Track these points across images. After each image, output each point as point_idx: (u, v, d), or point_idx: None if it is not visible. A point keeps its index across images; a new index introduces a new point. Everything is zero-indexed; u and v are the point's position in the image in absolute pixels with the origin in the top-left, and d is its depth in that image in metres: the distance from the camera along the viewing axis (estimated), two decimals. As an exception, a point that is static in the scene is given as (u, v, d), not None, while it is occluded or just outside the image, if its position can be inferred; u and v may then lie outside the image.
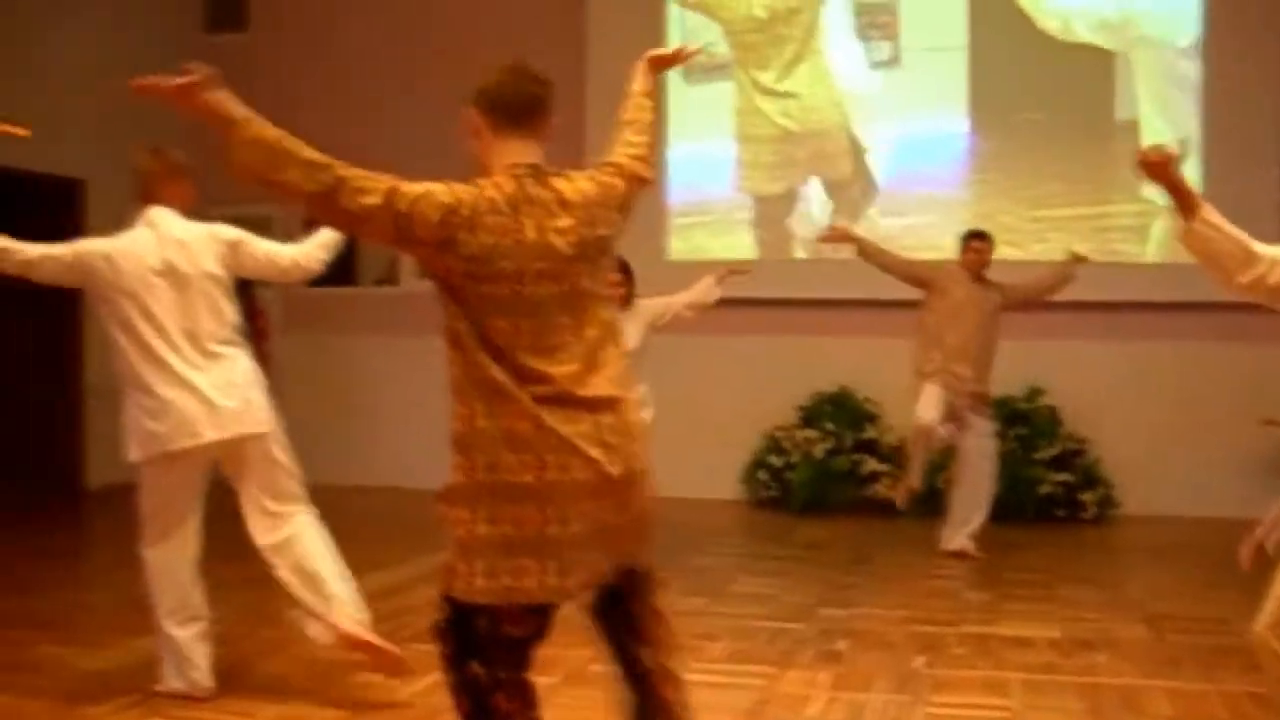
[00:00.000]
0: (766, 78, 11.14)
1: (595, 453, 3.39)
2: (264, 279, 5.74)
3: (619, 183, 3.68)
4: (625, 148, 3.84)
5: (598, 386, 3.45)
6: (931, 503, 9.20)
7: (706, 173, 11.36)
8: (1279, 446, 9.83)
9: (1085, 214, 10.65)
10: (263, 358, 10.91)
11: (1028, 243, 10.55)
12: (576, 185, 3.54)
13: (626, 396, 3.52)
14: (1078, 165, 10.67)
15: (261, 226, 8.94)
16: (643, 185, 3.79)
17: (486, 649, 3.48)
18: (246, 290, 10.90)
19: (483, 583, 3.38)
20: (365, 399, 11.73)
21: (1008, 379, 10.50)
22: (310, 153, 3.39)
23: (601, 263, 3.55)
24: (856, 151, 11.05)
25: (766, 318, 10.89)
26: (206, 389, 5.23)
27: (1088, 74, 10.57)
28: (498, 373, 3.37)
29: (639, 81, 4.09)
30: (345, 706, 5.17)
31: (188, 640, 5.34)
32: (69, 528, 10.34)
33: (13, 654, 6.04)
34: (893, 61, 11.03)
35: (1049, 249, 10.30)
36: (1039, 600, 7.33)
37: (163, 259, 5.30)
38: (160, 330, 5.26)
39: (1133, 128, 10.53)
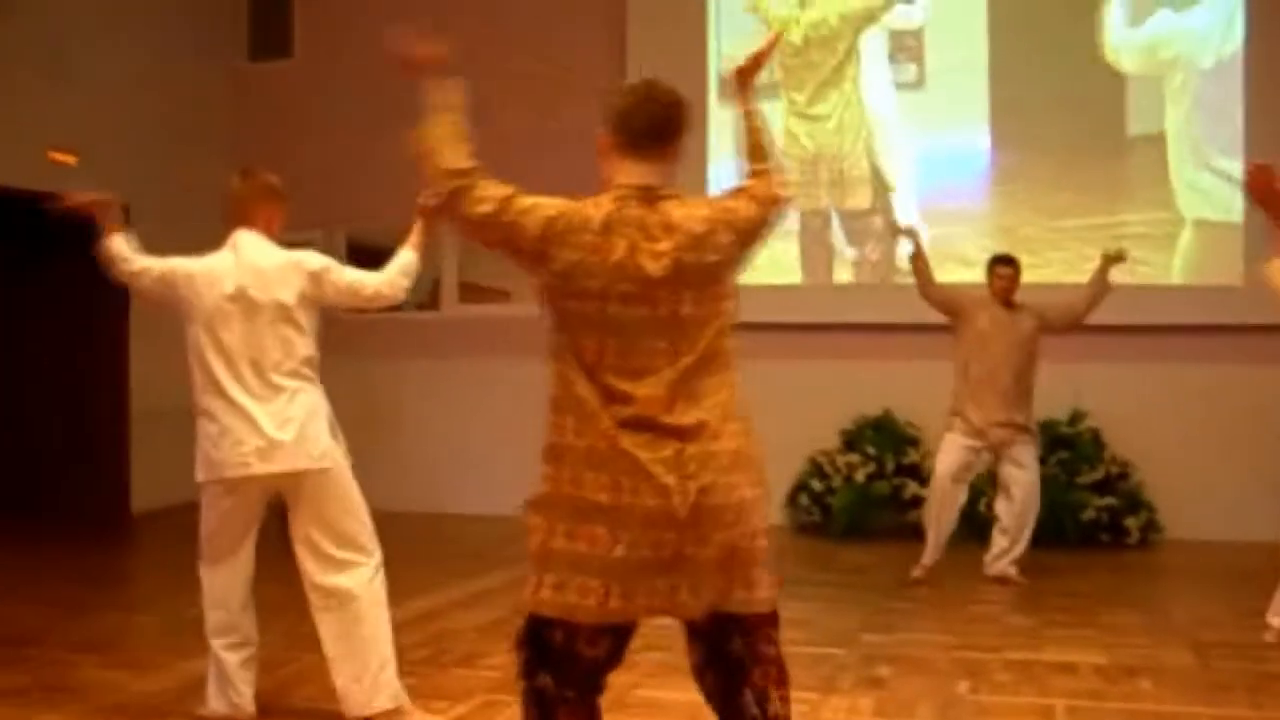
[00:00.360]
0: (800, 99, 11.25)
1: (670, 480, 3.35)
2: (349, 307, 5.63)
3: (741, 206, 3.61)
4: (748, 176, 3.78)
5: (687, 414, 3.40)
6: (974, 526, 9.16)
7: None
8: (1324, 470, 9.77)
9: (1102, 223, 10.62)
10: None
11: (1045, 250, 10.57)
12: (688, 210, 3.48)
13: (722, 427, 3.43)
14: (1094, 177, 10.71)
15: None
16: (778, 205, 3.72)
17: (559, 663, 3.53)
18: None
19: (549, 595, 3.42)
20: (406, 424, 11.77)
21: (1049, 402, 10.48)
22: (453, 159, 3.56)
23: (711, 290, 3.46)
24: (878, 182, 11.09)
25: (808, 342, 10.90)
26: (263, 420, 5.20)
27: (1102, 91, 10.65)
28: (585, 389, 3.41)
29: (736, 103, 3.96)
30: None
31: (234, 664, 5.37)
32: (116, 551, 10.42)
33: (60, 675, 6.10)
34: (918, 83, 11.14)
35: (1067, 256, 10.38)
36: (1083, 626, 7.29)
37: (237, 285, 5.25)
38: (226, 357, 5.24)
39: (1146, 142, 10.61)
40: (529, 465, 6.51)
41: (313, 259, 5.37)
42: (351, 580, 5.28)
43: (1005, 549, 8.63)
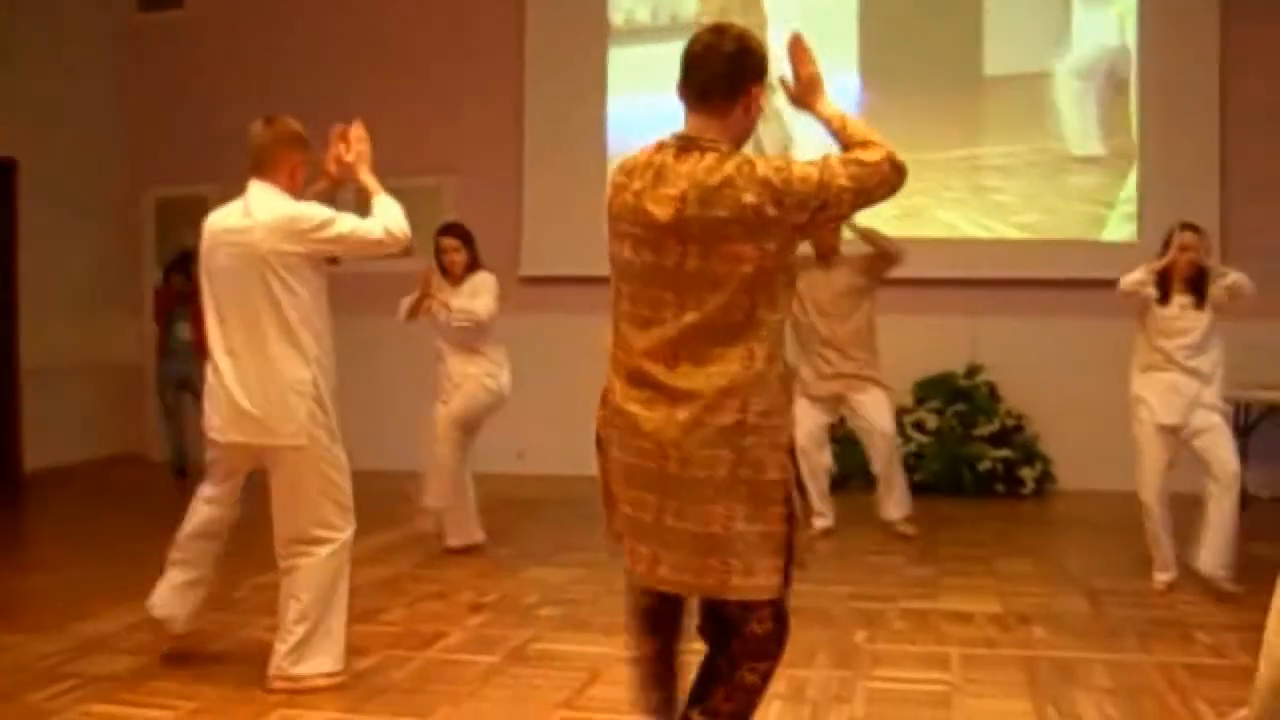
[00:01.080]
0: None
1: (648, 444, 3.36)
2: (360, 257, 5.36)
3: (798, 170, 3.35)
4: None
5: (688, 377, 3.34)
6: (869, 477, 9.22)
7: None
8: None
9: (961, 155, 10.89)
10: (200, 341, 10.84)
11: (910, 182, 10.69)
12: (712, 163, 3.33)
13: (722, 400, 3.32)
14: (954, 113, 10.92)
15: (198, 206, 8.88)
16: (860, 172, 3.40)
17: (627, 614, 3.79)
18: (184, 266, 10.85)
19: (609, 540, 3.64)
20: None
21: (946, 356, 10.59)
22: None
23: (723, 248, 3.29)
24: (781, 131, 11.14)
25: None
26: (234, 387, 5.08)
27: (961, 33, 10.91)
28: (613, 337, 3.50)
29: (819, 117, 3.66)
30: (285, 691, 5.12)
31: (173, 579, 5.40)
32: (8, 511, 10.23)
33: (-50, 639, 5.99)
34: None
35: (928, 186, 10.63)
36: (979, 575, 7.38)
37: (233, 238, 5.10)
38: (216, 311, 5.14)
39: (1002, 81, 10.90)
40: (419, 420, 6.43)
41: (307, 216, 5.10)
42: (310, 558, 5.19)
43: (887, 492, 8.60)
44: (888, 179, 3.43)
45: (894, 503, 8.59)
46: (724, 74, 3.42)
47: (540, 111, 11.47)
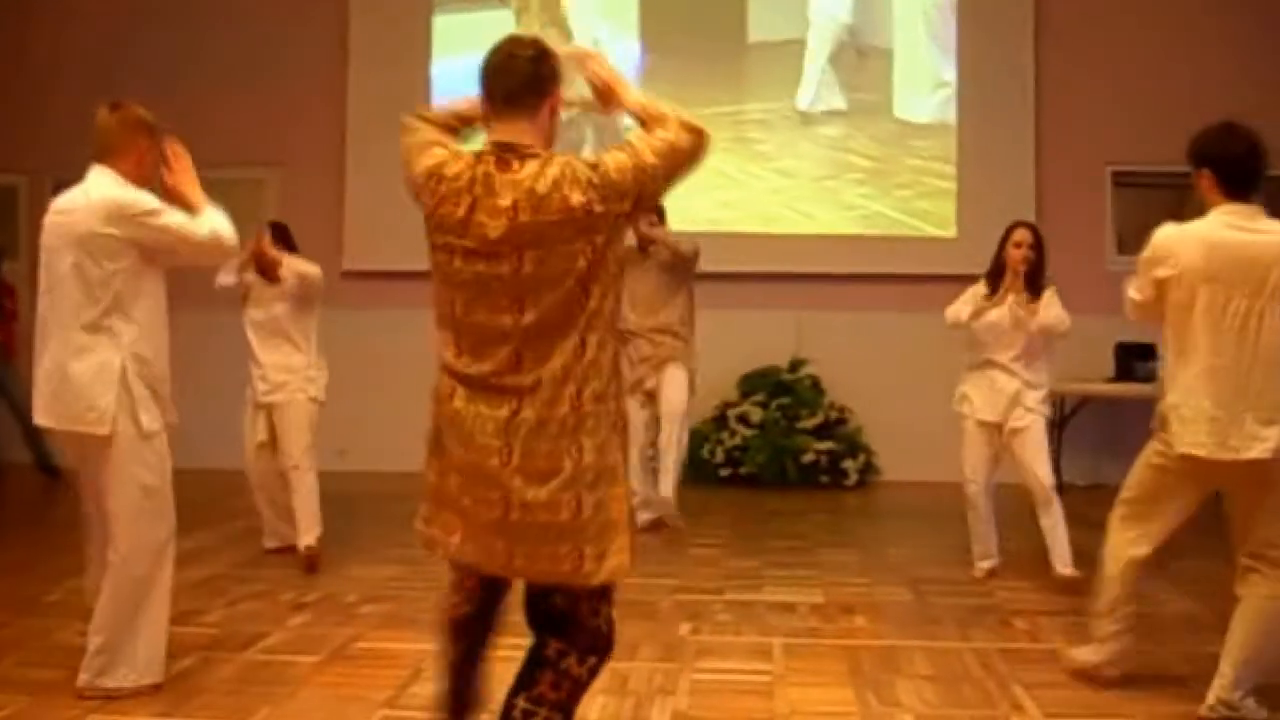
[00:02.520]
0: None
1: (496, 442, 3.44)
2: (190, 260, 5.13)
3: (611, 160, 3.45)
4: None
5: (531, 373, 3.43)
6: (695, 467, 9.24)
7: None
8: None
9: (727, 111, 11.25)
10: (7, 340, 10.47)
11: None
12: (538, 169, 3.41)
13: (559, 390, 3.42)
14: (718, 74, 11.38)
15: (7, 197, 8.59)
16: (662, 149, 3.51)
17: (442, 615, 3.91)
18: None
19: (420, 526, 3.71)
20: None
21: (771, 350, 10.67)
22: None
23: (560, 249, 3.38)
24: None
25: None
26: (40, 370, 4.95)
27: (727, 3, 11.58)
28: (442, 342, 3.55)
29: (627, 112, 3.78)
30: (95, 694, 4.96)
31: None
32: None
33: None
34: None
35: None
36: (803, 566, 7.45)
37: (58, 219, 4.95)
38: (43, 296, 4.97)
39: (760, 48, 11.53)
40: (235, 418, 6.25)
41: (133, 201, 4.92)
42: (115, 559, 4.97)
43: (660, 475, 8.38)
44: (689, 147, 3.57)
45: (665, 483, 8.32)
46: (530, 78, 3.52)
47: (363, 108, 11.33)
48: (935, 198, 11.00)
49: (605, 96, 3.79)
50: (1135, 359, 9.74)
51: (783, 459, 10.44)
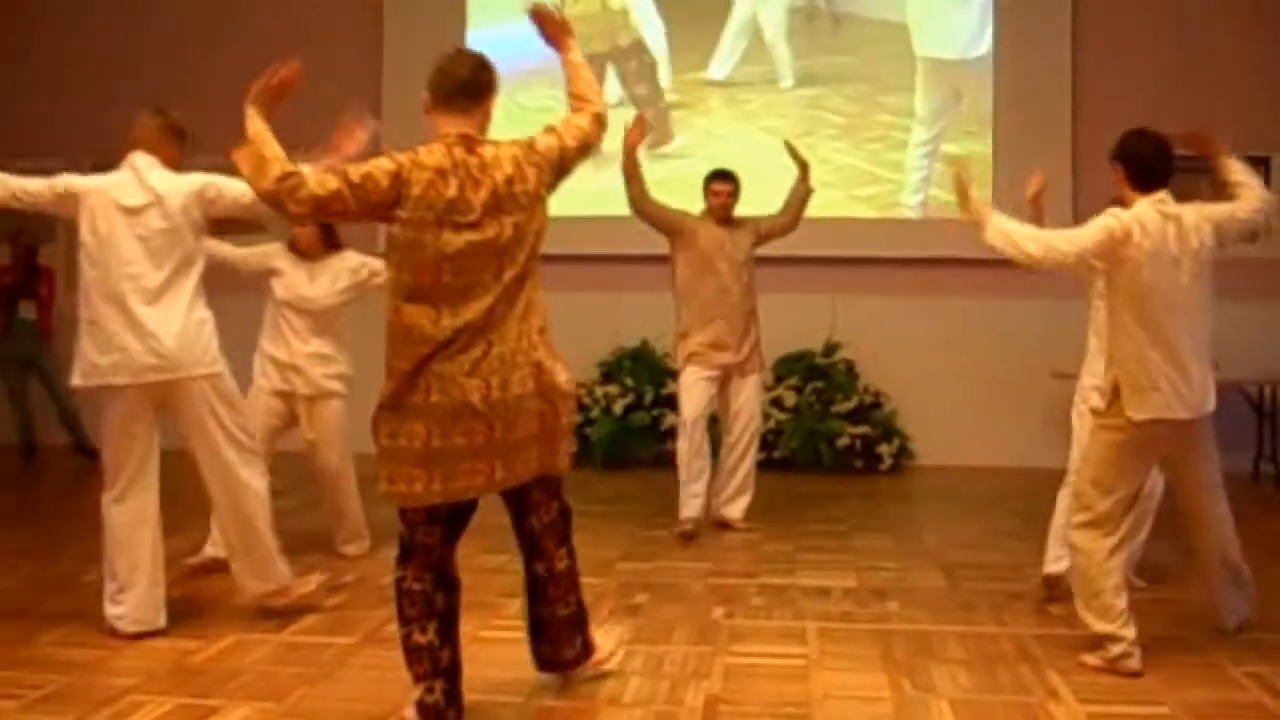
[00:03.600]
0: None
1: (474, 381, 4.22)
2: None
3: (541, 141, 4.51)
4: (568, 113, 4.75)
5: (502, 320, 4.30)
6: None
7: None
8: (1068, 397, 10.07)
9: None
10: (45, 323, 10.54)
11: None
12: (498, 152, 4.36)
13: (523, 331, 4.34)
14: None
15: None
16: (579, 135, 4.64)
17: (404, 555, 4.43)
18: (24, 244, 10.61)
19: (384, 487, 4.33)
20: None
21: (805, 334, 10.65)
22: (279, 167, 4.18)
23: (524, 216, 4.34)
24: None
25: (566, 273, 10.80)
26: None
27: None
28: (414, 315, 4.24)
29: (564, 62, 4.91)
30: (132, 675, 5.02)
31: None
32: None
33: None
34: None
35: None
36: (837, 551, 7.44)
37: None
38: (130, 264, 5.56)
39: None
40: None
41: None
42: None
43: (736, 490, 8.11)
44: (593, 141, 4.68)
45: (738, 504, 8.12)
46: (484, 83, 4.46)
47: (398, 90, 11.32)
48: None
49: (553, 39, 4.86)
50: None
51: (817, 443, 10.43)
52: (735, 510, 8.08)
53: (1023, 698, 4.83)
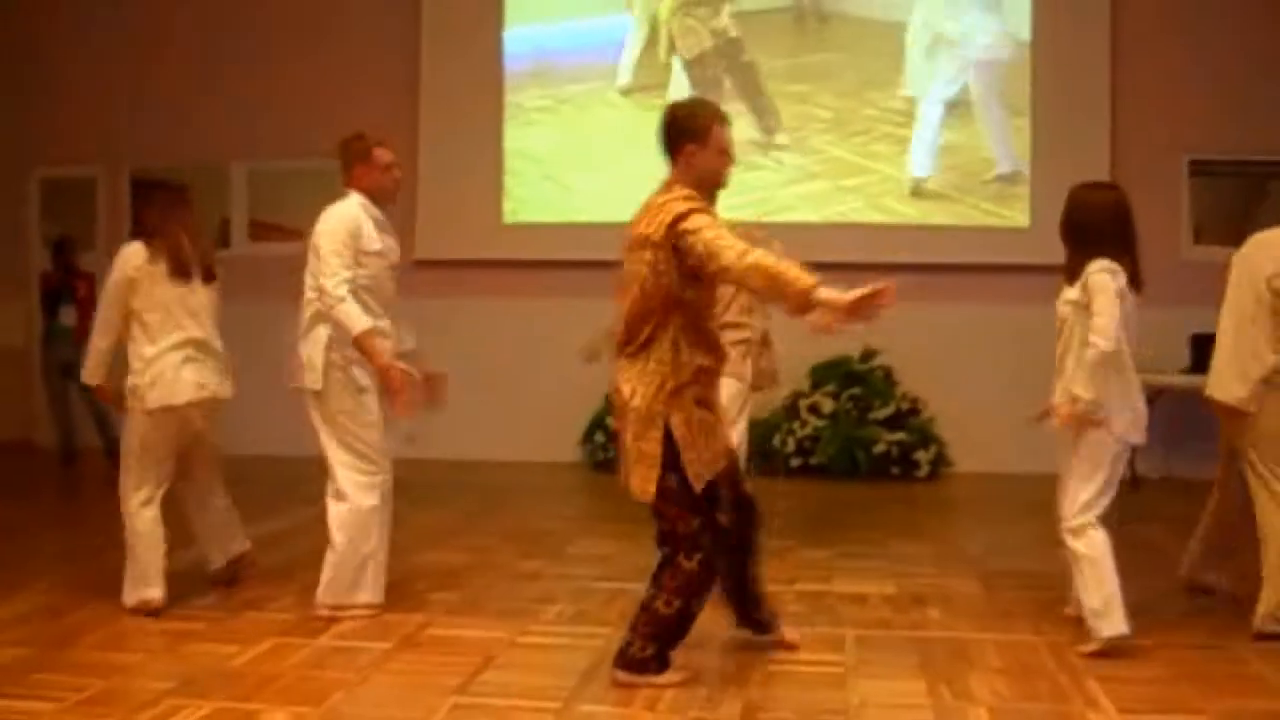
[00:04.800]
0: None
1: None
2: None
3: (696, 223, 4.76)
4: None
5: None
6: (774, 462, 9.21)
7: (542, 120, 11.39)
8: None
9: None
10: (84, 329, 10.63)
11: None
12: (653, 197, 4.96)
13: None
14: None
15: (85, 187, 8.68)
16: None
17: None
18: (66, 250, 10.68)
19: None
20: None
21: (841, 340, 10.61)
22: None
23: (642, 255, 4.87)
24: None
25: (604, 279, 10.85)
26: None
27: None
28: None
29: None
30: (171, 678, 5.03)
31: None
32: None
33: None
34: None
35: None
36: (874, 557, 7.42)
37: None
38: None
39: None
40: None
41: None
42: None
43: None
44: (715, 268, 4.80)
45: None
46: (664, 137, 5.00)
47: (436, 95, 11.37)
48: (1009, 187, 10.94)
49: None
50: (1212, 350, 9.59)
51: (854, 450, 10.40)
52: None
53: (1062, 706, 4.80)
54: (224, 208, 11.56)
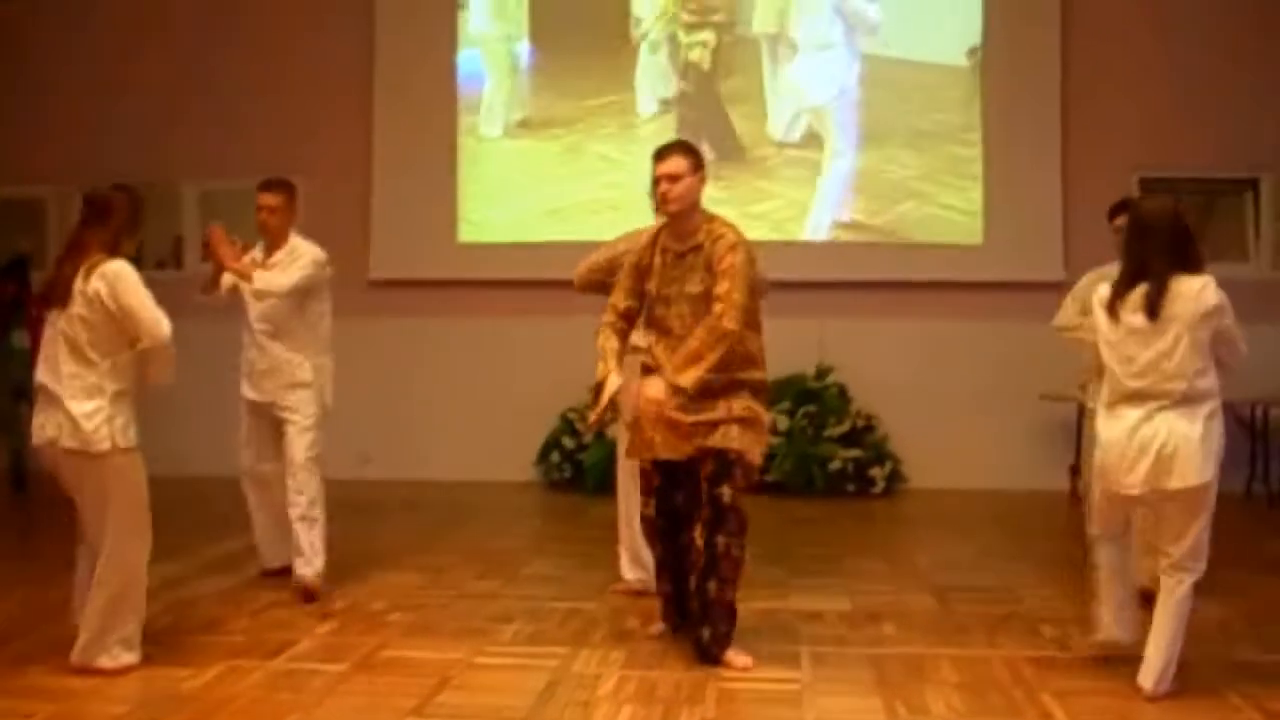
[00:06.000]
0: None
1: None
2: None
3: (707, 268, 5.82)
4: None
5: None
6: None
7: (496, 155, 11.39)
8: (1057, 420, 10.10)
9: (611, 100, 11.53)
10: (35, 350, 10.49)
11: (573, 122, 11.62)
12: None
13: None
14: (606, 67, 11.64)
15: (35, 209, 8.56)
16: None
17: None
18: (18, 272, 10.57)
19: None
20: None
21: (796, 358, 10.65)
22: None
23: None
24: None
25: (561, 298, 10.85)
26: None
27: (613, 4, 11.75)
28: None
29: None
30: (125, 703, 4.99)
31: None
32: None
33: None
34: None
35: (588, 125, 11.46)
36: (829, 574, 7.42)
37: None
38: None
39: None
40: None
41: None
42: None
43: None
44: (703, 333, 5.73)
45: None
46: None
47: (390, 116, 11.35)
48: (961, 205, 10.99)
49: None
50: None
51: (809, 467, 10.42)
52: None
53: (1016, 719, 4.83)
54: (175, 226, 11.50)
